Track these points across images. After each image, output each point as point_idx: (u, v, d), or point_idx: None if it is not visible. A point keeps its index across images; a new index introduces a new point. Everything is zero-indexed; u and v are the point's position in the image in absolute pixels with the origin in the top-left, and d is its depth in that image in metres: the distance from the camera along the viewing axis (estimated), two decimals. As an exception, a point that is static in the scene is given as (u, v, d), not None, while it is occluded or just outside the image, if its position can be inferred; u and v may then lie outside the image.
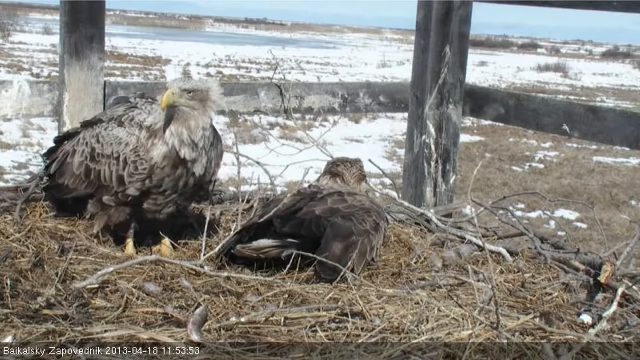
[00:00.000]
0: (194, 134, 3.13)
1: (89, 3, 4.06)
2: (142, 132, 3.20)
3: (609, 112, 4.50)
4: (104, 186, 3.28)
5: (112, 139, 3.26)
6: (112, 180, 3.24)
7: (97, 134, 3.32)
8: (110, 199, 3.28)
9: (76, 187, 3.38)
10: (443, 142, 5.14)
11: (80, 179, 3.35)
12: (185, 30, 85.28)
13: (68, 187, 3.41)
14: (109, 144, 3.26)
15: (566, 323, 2.70)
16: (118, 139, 3.24)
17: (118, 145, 3.23)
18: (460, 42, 5.06)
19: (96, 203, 3.34)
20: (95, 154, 3.30)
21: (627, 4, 4.25)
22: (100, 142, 3.29)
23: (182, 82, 3.13)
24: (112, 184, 3.25)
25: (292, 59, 39.28)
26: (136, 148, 3.19)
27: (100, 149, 3.28)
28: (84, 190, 3.36)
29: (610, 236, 9.53)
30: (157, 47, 44.02)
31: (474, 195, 9.17)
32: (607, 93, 33.48)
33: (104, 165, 3.26)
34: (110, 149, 3.25)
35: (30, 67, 27.31)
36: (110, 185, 3.26)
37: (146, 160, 3.17)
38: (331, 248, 3.01)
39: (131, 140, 3.21)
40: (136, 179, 3.21)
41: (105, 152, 3.26)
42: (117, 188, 3.25)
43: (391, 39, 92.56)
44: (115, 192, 3.26)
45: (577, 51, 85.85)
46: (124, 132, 3.25)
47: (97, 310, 2.58)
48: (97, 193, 3.32)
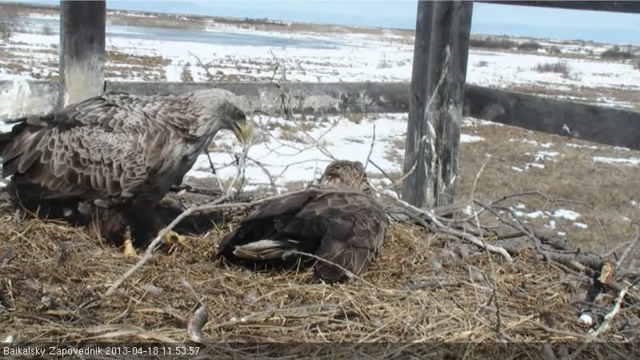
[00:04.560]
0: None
1: (89, 3, 4.06)
2: (139, 137, 3.20)
3: (609, 112, 4.50)
4: (95, 190, 3.27)
5: (99, 144, 3.23)
6: (105, 185, 3.24)
7: (77, 137, 3.27)
8: (102, 201, 3.28)
9: (58, 190, 3.33)
10: (443, 142, 5.14)
11: (63, 182, 3.31)
12: (185, 30, 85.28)
13: (47, 188, 3.34)
14: (96, 149, 3.23)
15: (566, 323, 2.70)
16: (107, 145, 3.22)
17: (108, 152, 3.21)
18: (460, 42, 5.07)
19: (87, 205, 3.32)
20: (80, 159, 3.26)
21: (627, 4, 4.25)
22: (85, 147, 3.25)
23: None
24: (104, 188, 3.25)
25: (292, 59, 39.29)
26: (131, 155, 3.19)
27: (86, 154, 3.25)
28: (69, 192, 3.32)
29: (610, 236, 9.53)
30: (157, 47, 44.02)
31: (474, 196, 9.17)
32: (607, 93, 33.47)
33: (92, 171, 3.24)
34: (99, 155, 3.23)
35: (31, 67, 27.31)
36: (103, 189, 3.25)
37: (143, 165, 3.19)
38: (331, 248, 3.01)
39: (124, 146, 3.21)
40: (132, 183, 3.22)
41: (93, 158, 3.23)
42: (112, 192, 3.25)
43: (391, 39, 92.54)
44: (109, 195, 3.26)
45: (577, 51, 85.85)
46: (113, 138, 3.22)
47: (98, 309, 2.58)
48: (87, 196, 3.30)
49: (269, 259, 3.06)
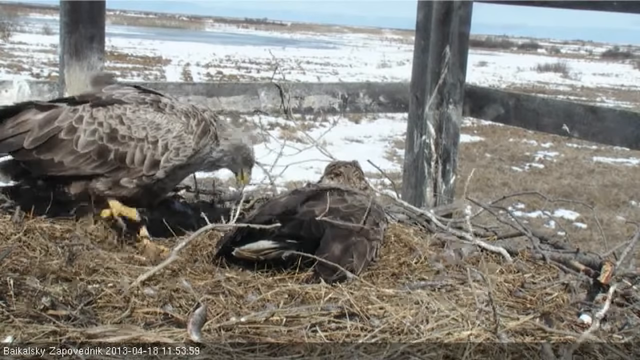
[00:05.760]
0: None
1: (89, 3, 4.06)
2: (191, 120, 3.34)
3: (608, 112, 4.50)
4: (127, 168, 3.30)
5: (144, 122, 3.31)
6: (143, 163, 3.29)
7: (118, 114, 3.31)
8: (129, 180, 3.31)
9: (77, 166, 3.32)
10: (443, 142, 5.14)
11: (87, 158, 3.30)
12: (185, 30, 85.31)
13: (62, 164, 3.32)
14: (140, 127, 3.30)
15: (566, 323, 2.70)
16: (155, 123, 3.31)
17: (156, 130, 3.30)
18: (460, 42, 5.07)
19: (109, 182, 3.32)
20: (118, 135, 3.29)
21: (627, 4, 4.25)
22: (126, 124, 3.30)
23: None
24: (140, 166, 3.29)
25: (292, 59, 39.31)
26: (181, 135, 3.31)
27: (127, 131, 3.29)
28: (91, 169, 3.32)
29: (610, 236, 9.54)
30: (157, 47, 44.02)
31: (474, 195, 9.17)
32: (607, 93, 33.49)
33: (132, 147, 3.29)
34: (144, 132, 3.29)
35: (30, 67, 27.32)
36: (138, 167, 3.29)
37: (190, 147, 3.33)
38: (331, 248, 3.01)
39: (175, 126, 3.31)
40: (171, 164, 3.30)
41: (135, 135, 3.29)
42: (147, 171, 3.30)
43: (391, 39, 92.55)
44: (142, 174, 3.30)
45: (577, 51, 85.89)
46: (162, 118, 3.33)
47: (99, 309, 2.58)
48: (112, 174, 3.32)
49: (268, 259, 3.06)
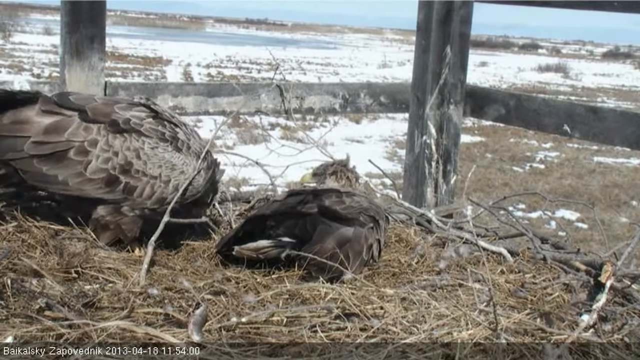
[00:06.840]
0: None
1: (89, 3, 4.06)
2: (199, 162, 3.30)
3: (609, 112, 4.50)
4: (132, 199, 3.23)
5: (161, 161, 3.24)
6: (151, 197, 3.24)
7: (136, 148, 3.21)
8: (130, 209, 3.24)
9: (82, 189, 3.19)
10: (444, 142, 5.14)
11: (95, 184, 3.19)
12: (185, 30, 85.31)
13: (67, 183, 3.18)
14: (156, 165, 3.23)
15: (566, 323, 2.70)
16: (171, 163, 3.26)
17: (170, 170, 3.25)
18: (460, 42, 5.06)
19: (109, 209, 3.24)
20: (132, 169, 3.20)
21: (627, 4, 4.24)
22: (143, 159, 3.22)
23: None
24: (147, 200, 3.24)
25: (293, 59, 39.34)
26: (193, 178, 3.29)
27: (142, 166, 3.21)
28: (95, 194, 3.20)
29: (611, 236, 9.53)
30: (158, 47, 44.04)
31: (475, 196, 9.16)
32: (608, 93, 33.48)
33: (143, 182, 3.22)
34: (159, 170, 3.23)
35: (31, 67, 27.33)
36: (144, 200, 3.23)
37: (196, 188, 3.32)
38: (323, 242, 3.01)
39: (188, 169, 3.28)
40: (177, 200, 3.24)
41: (149, 172, 3.22)
42: (151, 205, 3.25)
43: (392, 39, 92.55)
44: (146, 207, 3.25)
45: (578, 51, 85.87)
46: (179, 159, 3.28)
47: (98, 310, 2.58)
48: (116, 201, 3.23)
49: (268, 258, 3.06)
